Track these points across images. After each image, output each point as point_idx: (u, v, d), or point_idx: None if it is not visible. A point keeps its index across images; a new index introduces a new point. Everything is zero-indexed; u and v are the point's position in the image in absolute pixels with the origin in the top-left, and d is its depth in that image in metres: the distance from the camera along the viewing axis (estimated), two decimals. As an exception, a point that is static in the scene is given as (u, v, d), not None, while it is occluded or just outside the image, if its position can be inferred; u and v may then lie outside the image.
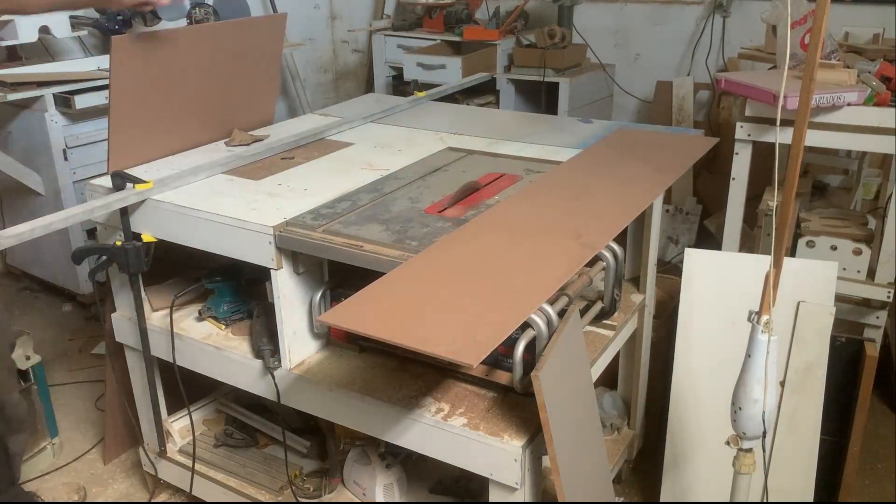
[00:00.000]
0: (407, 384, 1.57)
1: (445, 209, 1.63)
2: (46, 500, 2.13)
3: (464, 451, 1.41)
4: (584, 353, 1.55)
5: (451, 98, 3.05)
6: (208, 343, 1.80)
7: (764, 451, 1.29)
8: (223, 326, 1.85)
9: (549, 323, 1.34)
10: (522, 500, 1.39)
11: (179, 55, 1.95)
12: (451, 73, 3.57)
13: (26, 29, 2.82)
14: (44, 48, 3.24)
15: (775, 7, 2.52)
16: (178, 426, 2.07)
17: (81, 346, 2.94)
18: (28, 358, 2.21)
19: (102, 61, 3.02)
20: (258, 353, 1.70)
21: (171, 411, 2.07)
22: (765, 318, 1.21)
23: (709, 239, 3.39)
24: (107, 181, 1.78)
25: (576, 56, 3.64)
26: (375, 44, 4.07)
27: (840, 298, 1.97)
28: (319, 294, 1.64)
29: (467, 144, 2.07)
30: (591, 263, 1.68)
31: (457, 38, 3.77)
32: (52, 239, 2.52)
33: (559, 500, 1.31)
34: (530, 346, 1.36)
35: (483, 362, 1.45)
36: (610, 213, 1.56)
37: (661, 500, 1.95)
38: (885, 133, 2.07)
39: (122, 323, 1.94)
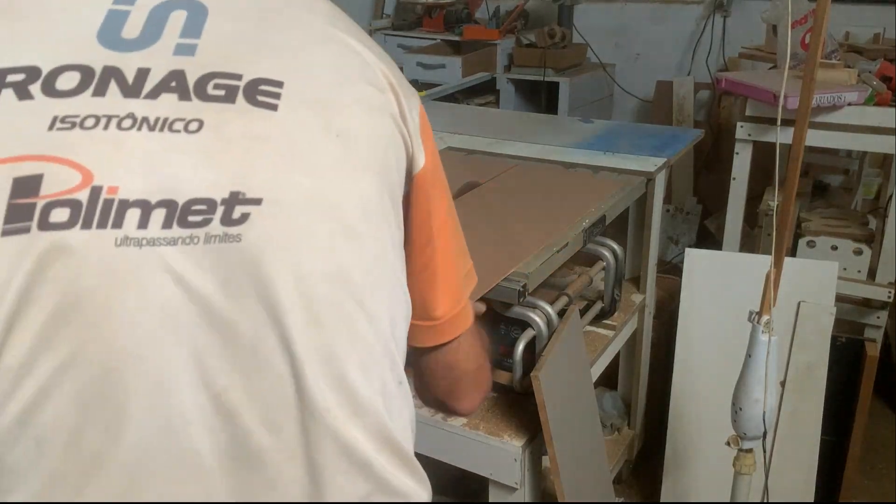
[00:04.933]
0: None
1: (445, 209, 1.62)
2: None
3: (464, 451, 1.41)
4: (584, 353, 1.55)
5: (451, 98, 3.05)
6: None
7: (764, 451, 1.29)
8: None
9: (548, 323, 1.34)
10: (522, 500, 1.39)
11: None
12: (451, 72, 3.57)
13: None
14: None
15: (776, 7, 2.52)
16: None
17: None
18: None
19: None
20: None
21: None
22: (765, 318, 1.21)
23: (709, 239, 3.38)
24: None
25: (576, 56, 3.64)
26: (375, 43, 4.06)
27: (840, 298, 1.97)
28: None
29: (467, 144, 2.07)
30: (591, 263, 1.68)
31: (457, 38, 3.76)
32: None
33: (559, 501, 1.31)
34: (530, 346, 1.36)
35: (483, 362, 1.45)
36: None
37: (661, 500, 1.95)
38: (886, 133, 2.07)
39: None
